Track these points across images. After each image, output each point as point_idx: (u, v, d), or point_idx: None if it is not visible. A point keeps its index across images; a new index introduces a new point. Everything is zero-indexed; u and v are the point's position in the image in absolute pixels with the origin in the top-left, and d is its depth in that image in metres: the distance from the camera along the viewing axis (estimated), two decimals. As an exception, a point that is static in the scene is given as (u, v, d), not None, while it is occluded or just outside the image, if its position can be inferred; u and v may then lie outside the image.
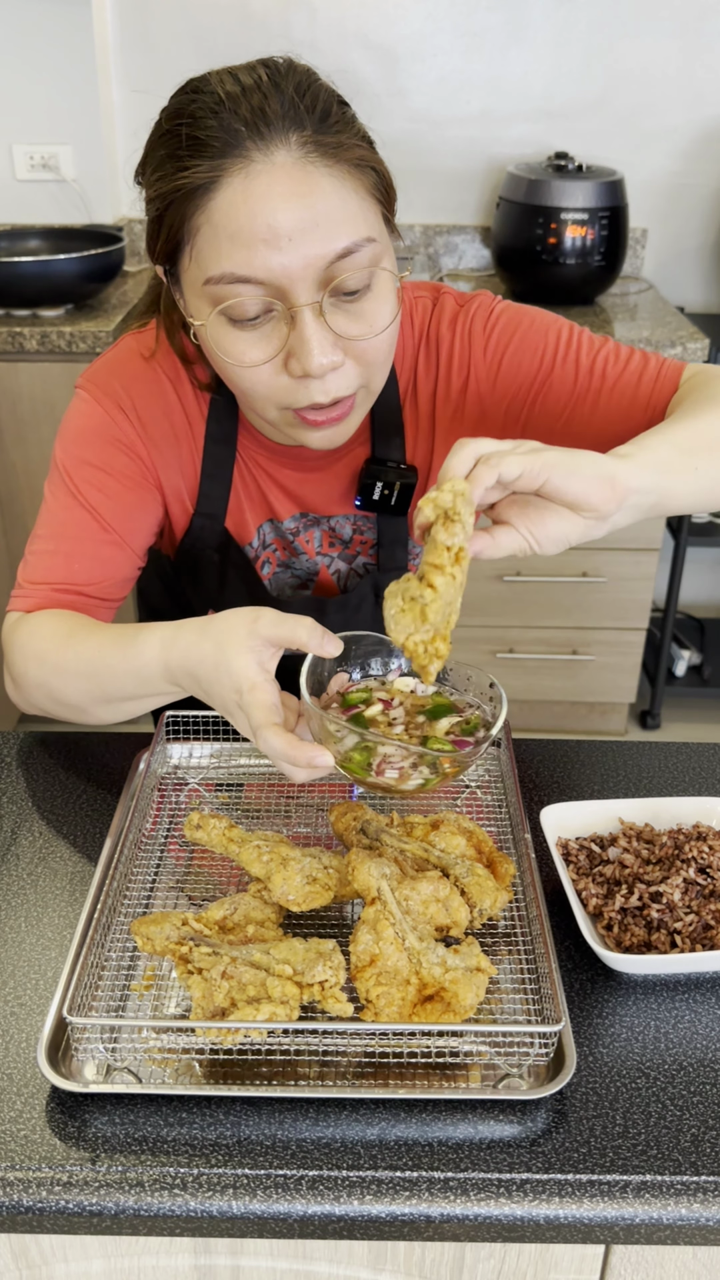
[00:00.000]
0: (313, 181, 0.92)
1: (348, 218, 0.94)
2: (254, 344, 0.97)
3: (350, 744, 0.88)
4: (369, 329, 0.98)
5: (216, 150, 0.93)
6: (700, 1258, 0.82)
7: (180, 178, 0.94)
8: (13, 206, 2.82)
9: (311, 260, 0.93)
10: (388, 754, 0.87)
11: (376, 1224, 0.75)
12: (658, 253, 2.94)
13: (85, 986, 0.82)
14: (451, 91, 2.77)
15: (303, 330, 0.95)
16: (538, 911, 0.90)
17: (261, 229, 0.91)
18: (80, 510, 1.14)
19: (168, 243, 0.99)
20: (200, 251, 0.96)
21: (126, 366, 1.16)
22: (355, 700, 0.95)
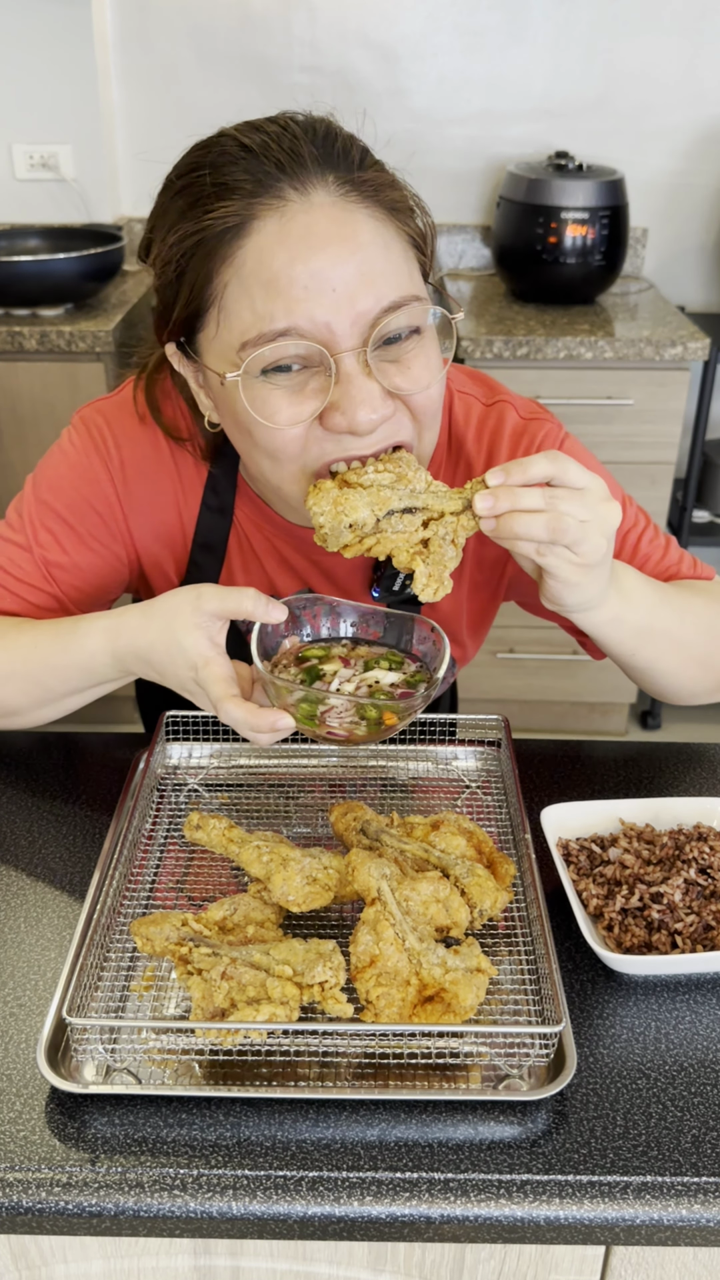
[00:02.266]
0: (355, 224, 0.86)
1: (393, 268, 0.88)
2: (291, 401, 0.89)
3: (297, 696, 0.91)
4: (416, 382, 0.91)
5: (245, 191, 0.86)
6: (700, 1258, 0.82)
7: (205, 222, 0.87)
8: (12, 206, 2.82)
9: (359, 314, 0.86)
10: (333, 705, 0.91)
11: (376, 1225, 0.75)
12: (658, 252, 2.94)
13: (85, 987, 0.82)
14: (451, 91, 2.77)
15: (349, 385, 0.87)
16: (538, 912, 0.90)
17: (302, 276, 0.84)
18: (29, 555, 1.10)
19: (188, 305, 0.91)
20: (229, 310, 0.88)
21: (124, 419, 1.09)
22: (312, 655, 0.98)
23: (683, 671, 1.11)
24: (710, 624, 1.11)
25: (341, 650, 1.00)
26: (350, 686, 0.95)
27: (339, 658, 0.99)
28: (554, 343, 2.44)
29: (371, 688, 0.95)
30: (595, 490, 0.87)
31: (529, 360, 2.46)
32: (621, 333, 2.49)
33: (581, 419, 2.50)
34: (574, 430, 1.18)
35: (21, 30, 2.64)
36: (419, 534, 0.90)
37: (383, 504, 0.88)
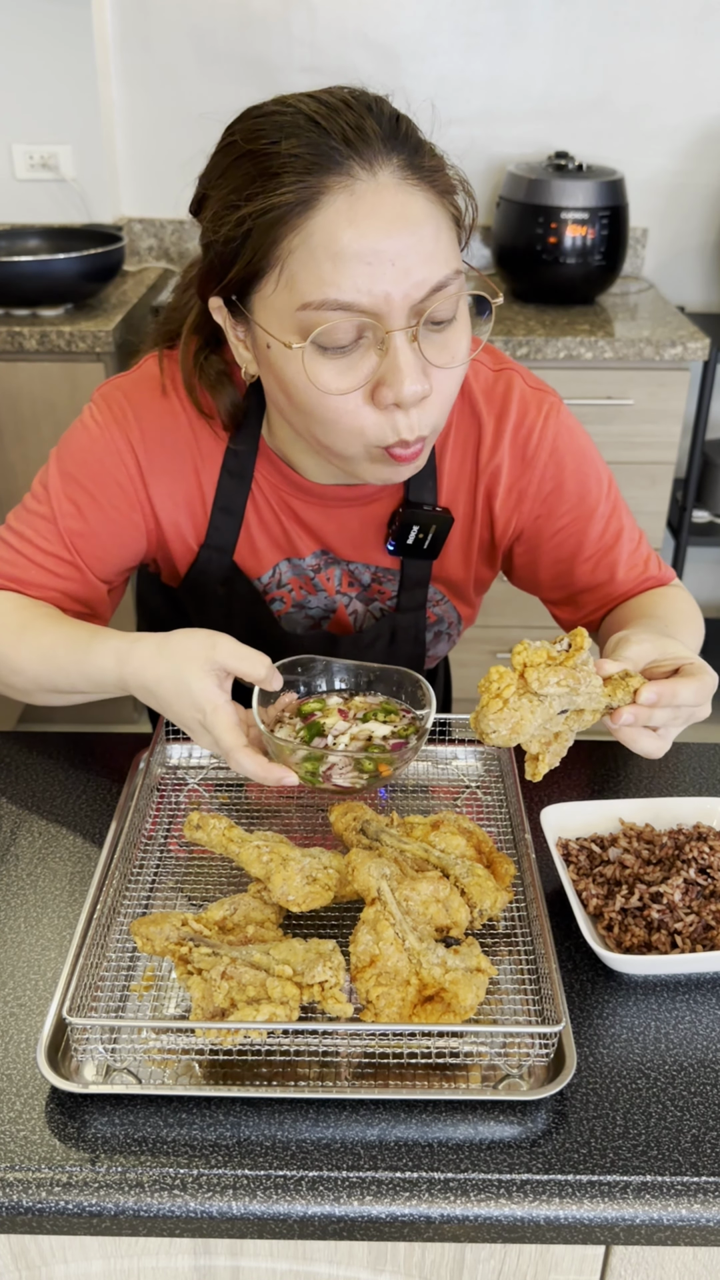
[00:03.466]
0: (415, 205, 0.91)
1: (442, 248, 0.93)
2: (343, 372, 0.94)
3: (300, 755, 0.99)
4: (452, 358, 0.96)
5: (316, 166, 0.90)
6: (700, 1258, 0.82)
7: (275, 196, 0.90)
8: (12, 206, 2.82)
9: (412, 289, 0.91)
10: (334, 761, 0.99)
11: (376, 1225, 0.75)
12: (658, 252, 2.94)
13: (85, 987, 0.82)
14: (451, 91, 2.77)
15: (396, 357, 0.92)
16: (538, 912, 0.90)
17: (367, 252, 0.89)
18: (53, 526, 1.14)
19: (248, 268, 0.94)
20: (295, 276, 0.92)
21: (144, 394, 1.14)
22: (309, 710, 1.06)
23: None
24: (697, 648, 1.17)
25: (338, 702, 1.07)
26: (346, 739, 1.03)
27: (337, 709, 1.06)
28: (554, 343, 2.44)
29: (366, 742, 1.02)
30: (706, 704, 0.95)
31: (529, 360, 2.46)
32: (621, 333, 2.49)
33: (581, 419, 2.47)
34: (574, 430, 1.20)
35: (21, 30, 2.64)
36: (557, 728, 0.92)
37: (550, 714, 0.90)
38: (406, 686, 1.08)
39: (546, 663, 0.88)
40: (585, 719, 0.92)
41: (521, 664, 0.88)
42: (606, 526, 1.18)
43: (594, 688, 0.90)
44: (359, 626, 1.26)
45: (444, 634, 1.30)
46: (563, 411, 1.17)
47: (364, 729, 1.04)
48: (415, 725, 1.05)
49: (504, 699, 0.88)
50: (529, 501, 1.17)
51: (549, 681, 0.88)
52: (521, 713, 0.88)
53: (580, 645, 0.89)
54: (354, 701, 1.08)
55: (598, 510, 1.17)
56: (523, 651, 0.88)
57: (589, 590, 1.21)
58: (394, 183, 0.91)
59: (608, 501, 1.18)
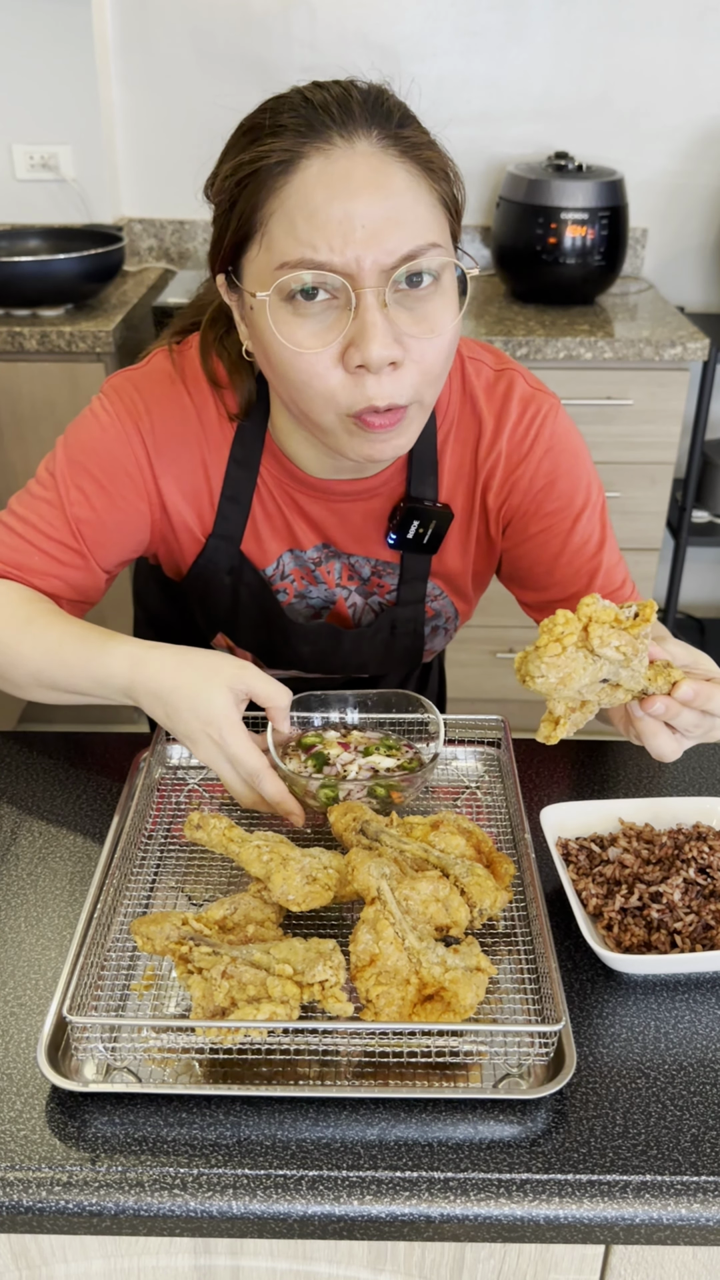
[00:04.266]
0: (390, 173, 0.94)
1: (419, 218, 0.95)
2: (314, 333, 0.96)
3: (316, 785, 1.02)
4: (429, 330, 0.97)
5: (299, 133, 0.94)
6: (700, 1258, 0.82)
7: (258, 154, 0.95)
8: (12, 206, 2.82)
9: (381, 254, 0.93)
10: (350, 789, 1.02)
11: (376, 1224, 0.75)
12: (658, 252, 2.94)
13: (85, 986, 0.82)
14: (451, 91, 2.77)
15: (364, 316, 0.94)
16: (538, 911, 0.90)
17: (337, 213, 0.92)
18: (59, 512, 1.14)
19: (237, 232, 0.98)
20: (272, 236, 0.95)
21: (154, 386, 1.15)
22: (310, 742, 1.09)
23: None
24: None
25: (336, 736, 1.11)
26: (354, 769, 1.06)
27: (337, 743, 1.09)
28: (554, 343, 2.44)
29: (373, 774, 1.05)
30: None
31: (529, 360, 2.46)
32: (621, 333, 2.49)
33: (581, 419, 2.50)
34: (573, 430, 1.20)
35: (21, 30, 2.64)
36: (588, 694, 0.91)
37: (597, 675, 0.89)
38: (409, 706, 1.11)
39: (613, 623, 0.86)
40: (618, 696, 0.91)
41: (588, 617, 0.86)
42: (591, 533, 1.19)
43: (641, 666, 0.89)
44: (357, 619, 1.27)
45: (441, 628, 1.30)
46: (560, 413, 1.19)
47: (368, 761, 1.07)
48: (418, 758, 1.08)
49: (564, 645, 0.86)
50: (519, 495, 1.18)
51: (610, 643, 0.86)
52: (575, 665, 0.86)
53: (648, 617, 0.87)
54: (353, 735, 1.11)
55: (584, 514, 1.18)
56: (591, 604, 0.87)
57: (566, 595, 1.21)
58: (372, 151, 0.94)
59: (595, 509, 1.19)
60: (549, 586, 1.22)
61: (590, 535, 1.19)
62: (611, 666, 0.88)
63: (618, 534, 1.24)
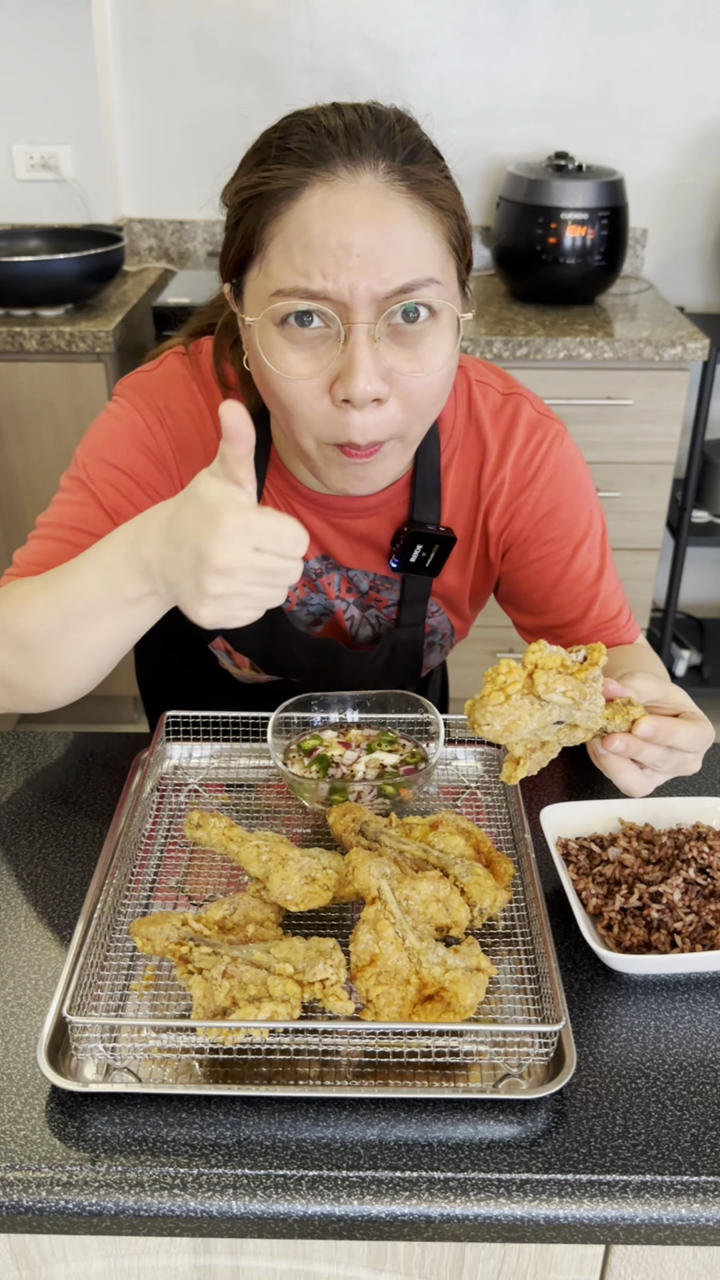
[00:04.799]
0: (392, 208, 0.92)
1: (418, 253, 0.93)
2: (304, 360, 0.95)
3: (325, 791, 1.02)
4: (420, 368, 0.96)
5: (305, 161, 0.93)
6: (700, 1258, 0.82)
7: (263, 180, 0.94)
8: (12, 206, 2.82)
9: (375, 284, 0.91)
10: (359, 790, 1.03)
11: (376, 1224, 0.75)
12: (658, 253, 2.94)
13: (85, 986, 0.82)
14: (451, 91, 2.77)
15: (353, 351, 0.93)
16: (538, 911, 0.90)
17: (334, 244, 0.91)
18: (94, 506, 1.11)
19: (240, 250, 0.98)
20: (270, 261, 0.95)
21: (170, 385, 1.15)
22: (310, 745, 1.09)
23: None
24: None
25: (334, 735, 1.11)
26: (360, 767, 1.07)
27: (337, 742, 1.09)
28: (554, 343, 2.44)
29: (381, 769, 1.06)
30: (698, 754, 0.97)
31: (529, 360, 2.46)
32: (621, 333, 2.49)
33: (581, 419, 2.50)
34: (574, 430, 1.21)
35: (21, 30, 2.64)
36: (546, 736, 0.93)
37: (545, 723, 0.90)
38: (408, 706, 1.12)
39: (559, 669, 0.88)
40: (577, 735, 0.93)
41: (533, 664, 0.88)
42: (590, 562, 1.19)
43: (596, 706, 0.90)
44: (354, 632, 1.26)
45: (437, 644, 1.30)
46: (566, 440, 1.18)
47: (373, 759, 1.07)
48: (418, 752, 1.08)
49: (507, 694, 0.88)
50: (521, 521, 1.18)
51: (556, 689, 0.88)
52: (520, 713, 0.88)
53: (595, 661, 0.89)
54: (351, 734, 1.11)
55: (585, 543, 1.18)
56: (537, 652, 0.88)
57: (562, 622, 1.21)
58: (376, 185, 0.93)
59: (595, 538, 1.19)
60: (545, 612, 1.22)
61: (589, 564, 1.18)
62: (562, 710, 0.89)
63: (618, 534, 1.25)
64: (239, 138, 1.03)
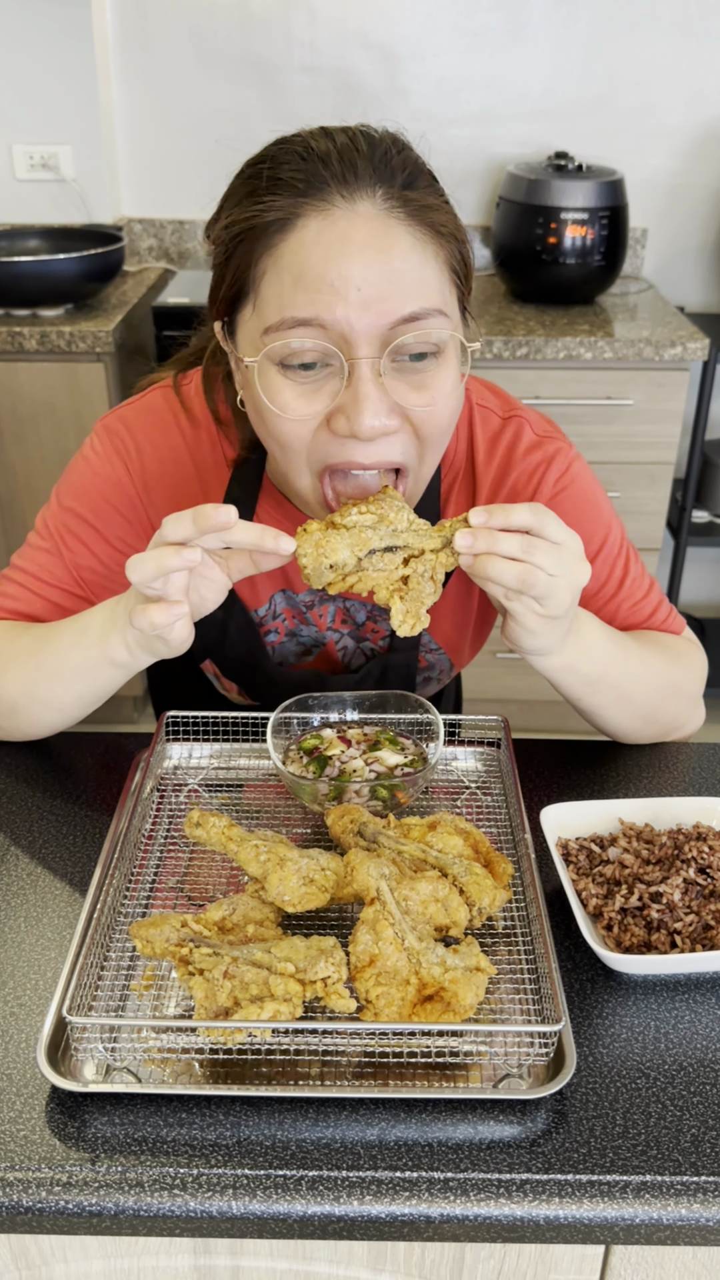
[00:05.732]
0: (393, 236, 0.89)
1: (422, 282, 0.90)
2: (303, 395, 0.92)
3: (324, 791, 1.02)
4: (429, 401, 0.93)
5: (297, 190, 0.89)
6: (700, 1258, 0.82)
7: (254, 212, 0.91)
8: (12, 206, 2.82)
9: (377, 317, 0.89)
10: (356, 788, 1.03)
11: (376, 1224, 0.75)
12: (658, 252, 2.94)
13: (85, 986, 0.82)
14: (451, 91, 2.77)
15: (357, 387, 0.90)
16: (538, 911, 0.90)
17: (331, 275, 0.88)
18: (58, 559, 1.14)
19: (231, 287, 0.95)
20: (263, 297, 0.91)
21: (146, 425, 1.13)
22: (309, 746, 1.09)
23: (626, 722, 1.16)
24: (662, 683, 1.15)
25: (333, 734, 1.10)
26: (359, 763, 1.06)
27: (338, 739, 1.09)
28: (554, 343, 2.44)
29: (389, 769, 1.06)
30: (571, 547, 0.90)
31: (529, 360, 2.46)
32: (621, 333, 2.49)
33: (581, 419, 2.50)
34: (574, 430, 1.20)
35: (21, 30, 2.64)
36: (399, 571, 0.92)
37: (363, 544, 0.90)
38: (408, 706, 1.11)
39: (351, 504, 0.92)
40: (428, 559, 0.91)
41: None
42: (609, 576, 1.16)
43: (419, 526, 0.91)
44: (347, 662, 1.25)
45: (433, 679, 1.29)
46: (569, 457, 1.15)
47: (374, 756, 1.07)
48: (422, 755, 1.08)
49: (309, 530, 0.89)
50: None
51: (350, 512, 0.90)
52: (327, 535, 0.89)
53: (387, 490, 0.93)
54: (351, 732, 1.11)
55: (599, 558, 1.15)
56: None
57: None
58: (374, 213, 0.89)
59: (611, 551, 1.16)
60: None
61: (608, 578, 1.16)
62: (377, 534, 0.90)
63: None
64: (239, 139, 1.02)
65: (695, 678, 1.19)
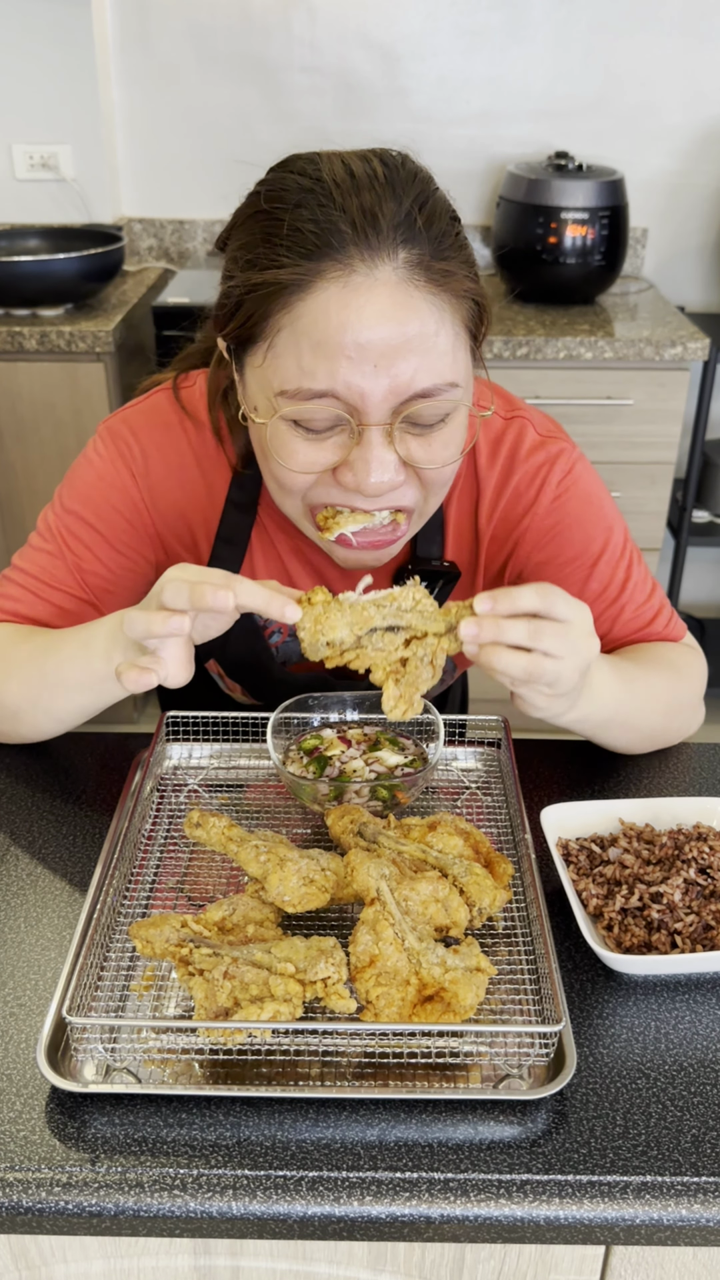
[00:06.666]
0: (412, 306, 0.88)
1: (438, 355, 0.90)
2: (311, 453, 0.93)
3: (325, 789, 1.02)
4: (436, 458, 0.94)
5: (316, 250, 0.87)
6: (700, 1258, 0.82)
7: (271, 270, 0.89)
8: (12, 206, 2.82)
9: (392, 390, 0.89)
10: (356, 788, 1.03)
11: (376, 1225, 0.75)
12: (658, 252, 2.94)
13: (85, 987, 0.82)
14: (451, 91, 2.77)
15: (367, 450, 0.91)
16: (538, 912, 0.90)
17: (349, 345, 0.87)
18: (61, 562, 1.14)
19: (242, 330, 0.94)
20: (278, 354, 0.91)
21: (150, 427, 1.13)
22: (310, 746, 1.09)
23: (630, 745, 1.17)
24: (668, 707, 1.15)
25: (333, 734, 1.10)
26: (359, 763, 1.06)
27: (338, 739, 1.09)
28: (554, 343, 2.44)
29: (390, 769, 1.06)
30: (579, 624, 0.87)
31: (529, 360, 2.46)
32: (621, 333, 2.49)
33: (581, 419, 2.50)
34: (574, 430, 1.19)
35: (21, 30, 2.64)
36: (399, 652, 0.90)
37: (364, 623, 0.89)
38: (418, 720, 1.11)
39: None
40: (430, 643, 0.89)
41: None
42: (611, 578, 1.15)
43: (424, 607, 0.89)
44: None
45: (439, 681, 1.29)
46: (573, 458, 1.15)
47: (378, 754, 1.07)
48: (421, 752, 1.08)
49: (313, 601, 0.88)
50: (527, 546, 1.15)
51: (356, 588, 0.90)
52: (328, 611, 0.88)
53: None
54: (351, 733, 1.11)
55: (602, 560, 1.14)
56: None
57: None
58: (395, 280, 0.87)
59: (614, 553, 1.15)
60: None
61: (610, 580, 1.15)
62: (379, 611, 0.88)
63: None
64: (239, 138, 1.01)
65: (697, 689, 1.19)
